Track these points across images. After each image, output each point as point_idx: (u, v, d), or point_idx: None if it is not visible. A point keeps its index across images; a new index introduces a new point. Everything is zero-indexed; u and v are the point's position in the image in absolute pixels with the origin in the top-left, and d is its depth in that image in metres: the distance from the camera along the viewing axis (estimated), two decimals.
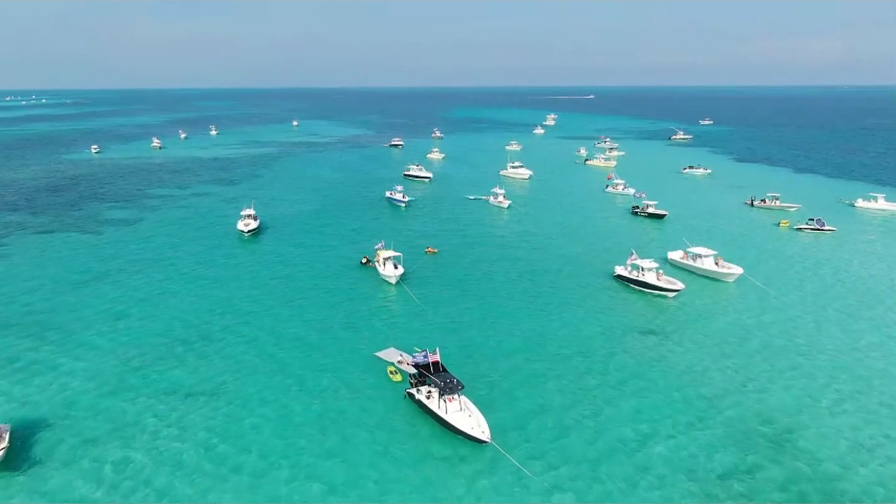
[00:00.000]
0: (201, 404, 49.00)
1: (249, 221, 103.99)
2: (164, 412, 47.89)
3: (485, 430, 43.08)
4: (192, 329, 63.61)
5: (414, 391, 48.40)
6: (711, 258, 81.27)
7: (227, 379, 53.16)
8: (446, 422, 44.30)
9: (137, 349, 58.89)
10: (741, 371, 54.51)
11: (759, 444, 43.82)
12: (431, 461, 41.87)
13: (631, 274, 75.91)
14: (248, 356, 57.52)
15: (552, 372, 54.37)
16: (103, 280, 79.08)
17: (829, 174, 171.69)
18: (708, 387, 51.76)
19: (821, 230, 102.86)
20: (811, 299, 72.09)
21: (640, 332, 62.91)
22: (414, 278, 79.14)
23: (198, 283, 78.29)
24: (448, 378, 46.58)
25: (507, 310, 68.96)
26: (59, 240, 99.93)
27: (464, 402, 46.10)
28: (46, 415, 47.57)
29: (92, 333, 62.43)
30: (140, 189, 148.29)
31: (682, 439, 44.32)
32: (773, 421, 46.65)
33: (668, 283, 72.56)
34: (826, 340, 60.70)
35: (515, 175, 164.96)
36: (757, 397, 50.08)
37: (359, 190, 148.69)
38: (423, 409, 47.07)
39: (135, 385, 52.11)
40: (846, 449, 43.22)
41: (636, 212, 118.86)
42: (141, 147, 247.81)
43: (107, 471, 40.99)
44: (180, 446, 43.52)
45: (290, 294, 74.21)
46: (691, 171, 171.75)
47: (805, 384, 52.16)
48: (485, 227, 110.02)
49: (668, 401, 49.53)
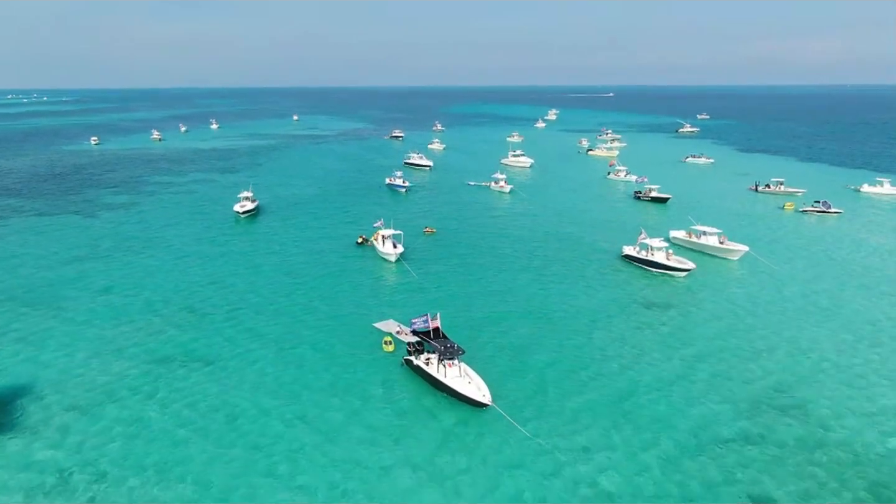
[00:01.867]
0: (184, 374, 47.70)
1: (245, 203, 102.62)
2: (145, 380, 46.59)
3: (485, 393, 41.76)
4: (178, 303, 62.20)
5: (412, 358, 47.03)
6: (716, 236, 79.90)
7: (215, 349, 51.88)
8: (446, 386, 42.96)
9: (120, 321, 57.62)
10: (751, 341, 53.20)
11: (770, 411, 42.48)
12: (431, 426, 40.49)
13: (640, 254, 74.04)
14: (237, 328, 56.11)
15: (555, 341, 53.04)
16: (92, 259, 77.73)
17: (833, 163, 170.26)
18: (717, 356, 50.44)
19: (827, 212, 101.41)
20: (821, 275, 70.73)
21: (646, 305, 61.60)
22: (413, 257, 77.78)
23: (188, 260, 77.02)
24: (448, 343, 45.28)
25: (509, 285, 67.65)
26: (53, 221, 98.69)
27: (464, 368, 44.75)
28: (19, 382, 46.25)
29: (75, 306, 61.20)
30: (138, 176, 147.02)
31: (692, 405, 42.98)
32: (788, 390, 45.31)
33: (679, 263, 70.60)
34: (840, 314, 59.37)
35: (516, 163, 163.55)
36: (768, 367, 48.75)
37: (358, 177, 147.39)
38: (422, 376, 45.71)
39: (116, 354, 50.83)
40: (861, 416, 41.85)
41: (638, 196, 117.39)
42: (141, 139, 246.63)
43: (75, 438, 39.70)
44: (158, 413, 42.26)
45: (283, 271, 72.93)
46: (693, 160, 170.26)
47: (819, 355, 50.82)
48: (486, 210, 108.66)
49: (675, 368, 48.23)
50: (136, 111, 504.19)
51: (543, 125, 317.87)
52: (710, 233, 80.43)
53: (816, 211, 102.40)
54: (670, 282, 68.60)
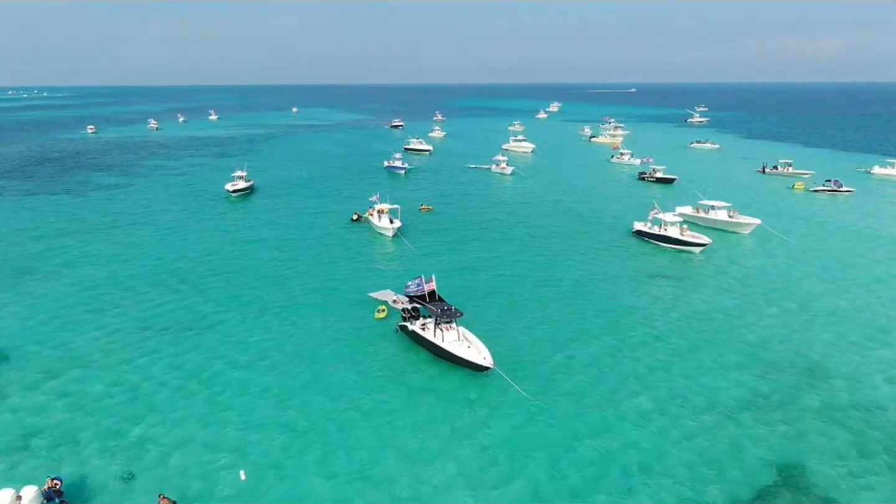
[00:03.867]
0: (163, 341, 44.93)
1: (237, 182, 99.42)
2: (128, 345, 43.84)
3: (486, 356, 38.87)
4: (161, 275, 59.30)
5: (407, 324, 44.12)
6: (725, 210, 76.95)
7: (196, 318, 49.08)
8: (444, 350, 40.09)
9: (100, 290, 54.90)
10: (772, 312, 50.30)
11: (792, 376, 39.65)
12: (430, 391, 37.64)
13: (652, 229, 70.61)
14: (219, 299, 53.14)
15: (560, 310, 50.23)
16: (77, 234, 74.93)
17: (841, 148, 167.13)
18: (735, 327, 47.59)
19: (838, 191, 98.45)
20: (836, 248, 67.89)
21: (658, 277, 58.65)
22: (411, 233, 74.88)
23: (175, 235, 74.02)
24: (445, 305, 42.43)
25: (512, 258, 64.80)
26: (41, 200, 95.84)
27: (462, 332, 41.89)
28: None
29: (56, 277, 58.48)
30: (132, 161, 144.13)
31: (709, 374, 40.16)
32: (808, 356, 42.47)
33: (694, 238, 67.06)
34: (858, 283, 56.51)
35: (518, 148, 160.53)
36: (790, 336, 45.89)
37: (357, 160, 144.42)
38: (418, 342, 42.83)
39: (97, 321, 48.06)
40: (883, 381, 39.02)
41: (643, 177, 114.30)
42: (138, 129, 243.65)
43: (44, 400, 36.94)
44: (149, 378, 39.48)
45: (273, 245, 69.99)
46: (699, 146, 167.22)
47: (839, 323, 48.00)
48: (487, 189, 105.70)
49: (691, 339, 45.37)
50: (135, 104, 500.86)
51: (545, 116, 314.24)
52: (718, 207, 77.50)
53: (828, 190, 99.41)
54: (684, 256, 65.43)
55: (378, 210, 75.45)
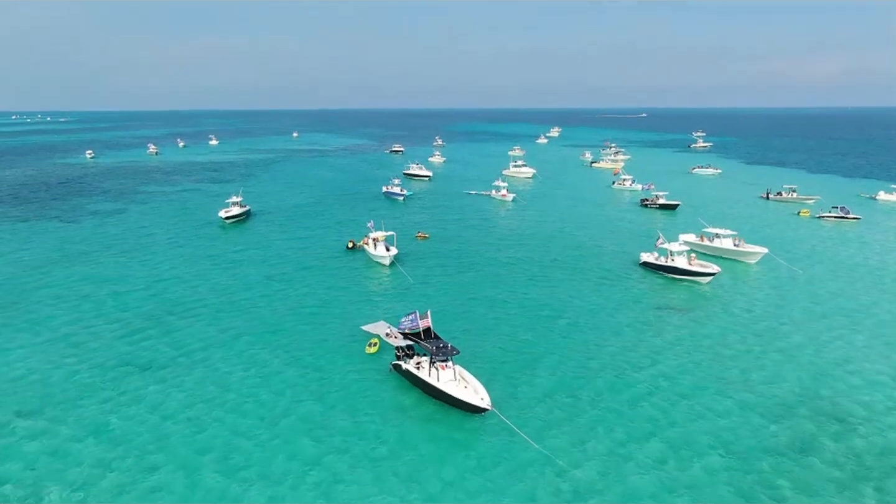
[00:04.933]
0: (143, 380, 42.63)
1: (231, 208, 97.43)
2: (106, 384, 41.52)
3: (484, 396, 36.54)
4: (145, 307, 57.12)
5: (401, 362, 41.83)
6: (730, 239, 74.95)
7: (178, 354, 46.80)
8: (440, 390, 37.76)
9: (82, 324, 52.69)
10: (782, 347, 48.01)
11: (807, 419, 37.25)
12: (425, 435, 35.27)
13: (658, 260, 68.10)
14: (209, 331, 51.10)
15: (563, 347, 47.94)
16: (62, 262, 72.91)
17: (844, 173, 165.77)
18: (744, 363, 45.27)
19: (845, 218, 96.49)
20: (846, 279, 65.63)
21: (665, 310, 56.30)
22: (408, 261, 72.85)
23: (164, 265, 71.73)
24: (440, 343, 40.20)
25: (513, 290, 62.47)
26: (33, 227, 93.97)
27: (459, 371, 39.63)
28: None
29: (39, 311, 56.18)
30: (128, 186, 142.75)
31: (722, 415, 37.76)
32: (823, 397, 40.10)
33: (702, 268, 64.29)
34: (873, 318, 54.23)
35: (518, 174, 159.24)
36: (802, 374, 43.55)
37: (355, 186, 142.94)
38: (412, 381, 40.49)
39: (79, 360, 45.76)
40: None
41: (646, 204, 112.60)
42: (136, 153, 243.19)
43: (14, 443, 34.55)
44: (120, 419, 37.11)
45: (265, 274, 67.87)
46: (700, 171, 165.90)
47: (855, 361, 45.68)
48: (487, 217, 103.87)
49: (698, 377, 43.03)
50: (136, 129, 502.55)
51: (545, 141, 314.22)
52: (723, 235, 75.49)
53: (834, 217, 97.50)
54: (693, 287, 62.83)
55: (373, 238, 73.43)
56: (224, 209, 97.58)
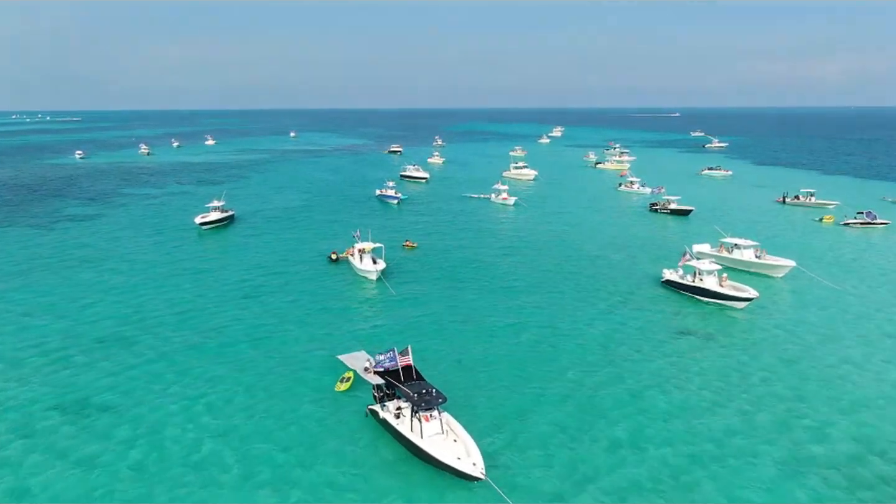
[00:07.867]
0: (87, 421, 35.92)
1: (209, 214, 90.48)
2: (53, 423, 34.83)
3: (476, 461, 29.73)
4: (98, 332, 50.35)
5: (378, 407, 35.07)
6: (752, 249, 68.01)
7: (124, 390, 40.10)
8: (423, 451, 30.98)
9: (36, 350, 45.98)
10: (831, 388, 41.15)
11: (875, 482, 30.42)
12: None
13: (684, 279, 59.97)
14: (162, 362, 44.38)
15: (569, 381, 41.12)
16: (27, 274, 66.34)
17: (861, 175, 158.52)
18: (791, 408, 38.43)
19: (872, 224, 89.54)
20: (885, 293, 58.70)
21: (685, 334, 49.50)
22: (396, 274, 66.08)
23: (116, 280, 64.87)
24: (424, 388, 33.37)
25: (514, 312, 55.45)
26: (2, 233, 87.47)
27: (446, 420, 32.89)
28: None
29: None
30: (111, 188, 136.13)
31: (760, 478, 30.92)
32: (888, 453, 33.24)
33: (735, 291, 55.80)
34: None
35: (519, 176, 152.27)
36: (862, 420, 36.69)
37: (348, 189, 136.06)
38: (392, 434, 33.70)
39: (22, 393, 39.10)
40: None
41: (655, 208, 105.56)
42: (128, 154, 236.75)
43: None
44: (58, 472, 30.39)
45: (238, 291, 61.08)
46: (710, 173, 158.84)
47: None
48: (486, 222, 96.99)
49: (734, 425, 36.20)
50: (134, 129, 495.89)
51: (548, 141, 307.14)
52: (744, 246, 68.47)
53: (860, 223, 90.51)
54: (723, 312, 54.61)
55: (359, 249, 66.52)
56: (201, 214, 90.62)
